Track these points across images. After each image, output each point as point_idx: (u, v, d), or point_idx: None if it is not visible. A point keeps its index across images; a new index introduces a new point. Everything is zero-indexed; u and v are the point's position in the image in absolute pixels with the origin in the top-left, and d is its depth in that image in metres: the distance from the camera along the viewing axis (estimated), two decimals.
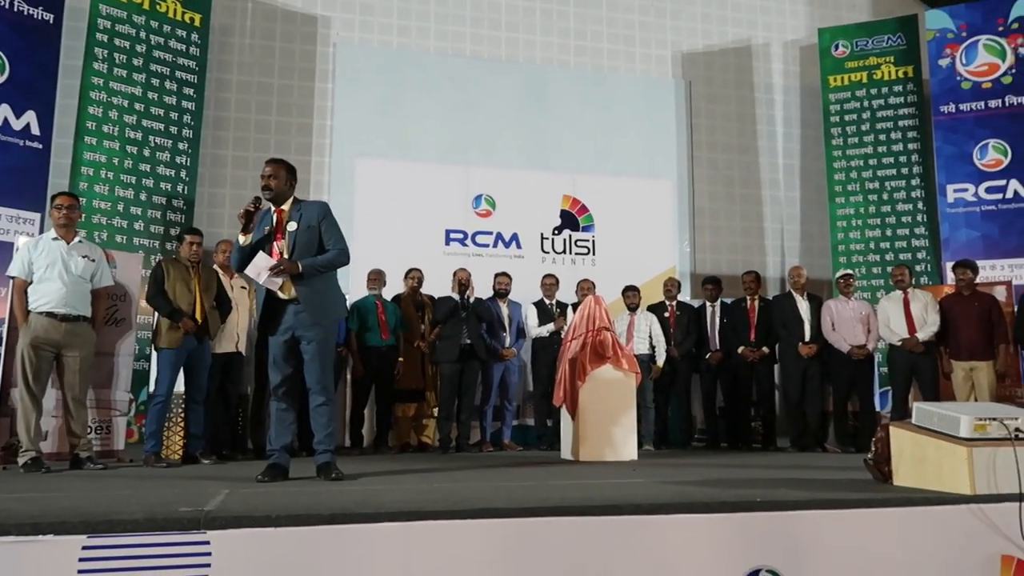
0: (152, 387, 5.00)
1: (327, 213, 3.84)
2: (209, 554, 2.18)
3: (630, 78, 9.26)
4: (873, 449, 3.39)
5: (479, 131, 8.55)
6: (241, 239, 3.74)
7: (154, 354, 4.98)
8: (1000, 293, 6.80)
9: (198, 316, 4.88)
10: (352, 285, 7.18)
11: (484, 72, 8.73)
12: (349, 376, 6.30)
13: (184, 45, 7.65)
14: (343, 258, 3.81)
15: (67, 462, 4.48)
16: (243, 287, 5.50)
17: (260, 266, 3.65)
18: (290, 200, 3.83)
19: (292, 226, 3.74)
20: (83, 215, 4.86)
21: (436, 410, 6.44)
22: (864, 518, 2.71)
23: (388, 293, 6.57)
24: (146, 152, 7.31)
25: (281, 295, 3.71)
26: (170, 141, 7.47)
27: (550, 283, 6.91)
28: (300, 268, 3.65)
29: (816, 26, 9.62)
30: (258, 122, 8.27)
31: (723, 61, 9.66)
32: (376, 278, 6.44)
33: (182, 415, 4.99)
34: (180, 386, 4.97)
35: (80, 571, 2.09)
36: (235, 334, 5.30)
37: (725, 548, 2.56)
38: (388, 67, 8.48)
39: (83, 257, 4.53)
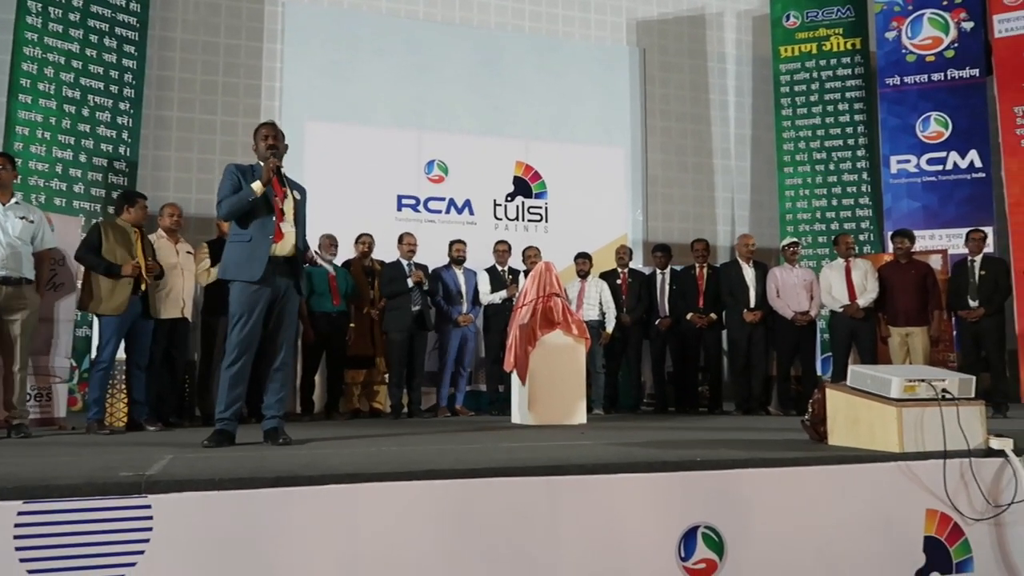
0: (94, 353, 4.88)
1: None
2: (151, 518, 2.17)
3: (585, 44, 9.23)
4: (810, 410, 3.51)
5: (432, 95, 8.44)
6: (258, 188, 3.71)
7: (95, 319, 4.85)
8: (936, 261, 7.04)
9: (142, 283, 4.75)
10: None
11: (437, 35, 8.59)
12: (300, 342, 6.25)
13: (124, 0, 7.35)
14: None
15: (6, 430, 4.37)
16: (189, 252, 5.39)
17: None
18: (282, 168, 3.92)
19: (297, 195, 3.91)
20: (18, 175, 4.68)
21: (387, 376, 6.44)
22: (798, 476, 2.82)
23: (339, 259, 6.50)
24: (85, 112, 7.05)
25: (279, 249, 3.75)
26: (110, 101, 7.21)
27: (503, 250, 6.92)
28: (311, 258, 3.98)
29: None
30: (204, 83, 8.03)
31: (677, 29, 9.68)
32: (329, 244, 6.37)
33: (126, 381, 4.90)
34: (122, 352, 4.86)
35: (16, 536, 2.06)
36: (180, 299, 5.19)
37: (666, 505, 2.64)
38: (339, 28, 8.29)
39: (20, 218, 4.39)
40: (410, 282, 6.20)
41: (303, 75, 8.10)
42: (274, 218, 3.73)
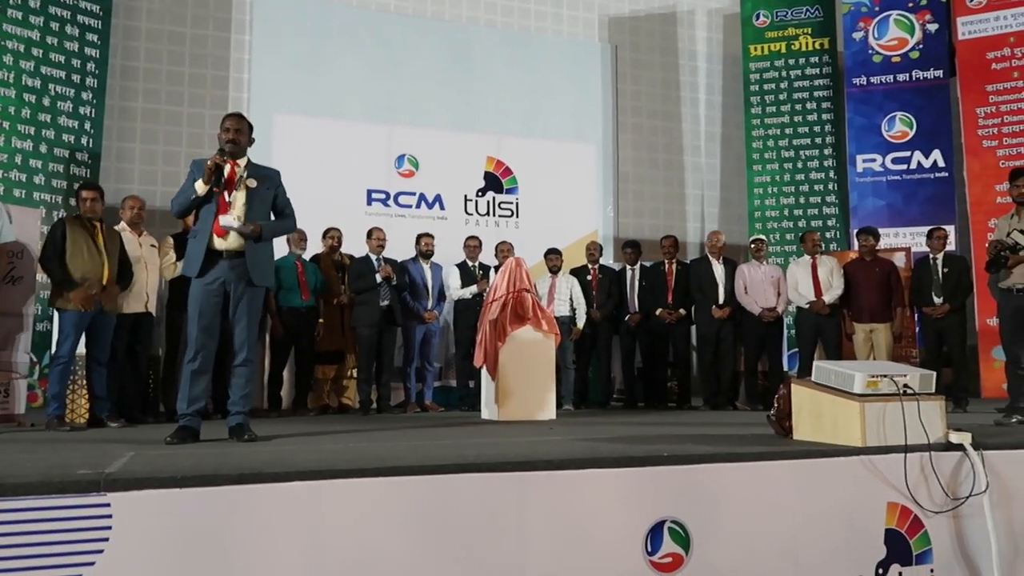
0: (54, 348, 4.78)
1: (281, 181, 3.94)
2: (110, 516, 2.13)
3: (557, 40, 9.23)
4: (775, 405, 3.55)
5: (403, 90, 8.38)
6: (200, 187, 3.65)
7: (55, 313, 4.75)
8: (899, 259, 7.16)
9: (105, 278, 4.64)
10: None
11: (409, 29, 8.53)
12: (268, 337, 6.18)
13: None
14: (293, 226, 4.05)
15: None
16: (153, 245, 5.29)
17: (229, 221, 3.66)
18: (246, 158, 3.83)
19: (252, 183, 3.77)
20: None
21: (356, 372, 6.39)
22: (763, 470, 2.84)
23: (307, 253, 6.44)
24: (46, 101, 6.88)
25: (222, 242, 3.65)
26: (72, 90, 7.05)
27: (474, 245, 6.90)
28: (260, 231, 3.71)
29: None
30: (170, 73, 7.89)
31: (649, 27, 9.72)
32: (300, 239, 6.29)
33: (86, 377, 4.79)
34: (83, 347, 4.75)
35: None
36: (144, 293, 5.09)
37: (632, 500, 2.65)
38: (309, 20, 8.19)
39: None
40: (378, 277, 6.16)
41: (272, 67, 8.00)
42: (215, 211, 3.66)
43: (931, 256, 6.37)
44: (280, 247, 6.45)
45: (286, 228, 3.99)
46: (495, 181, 8.62)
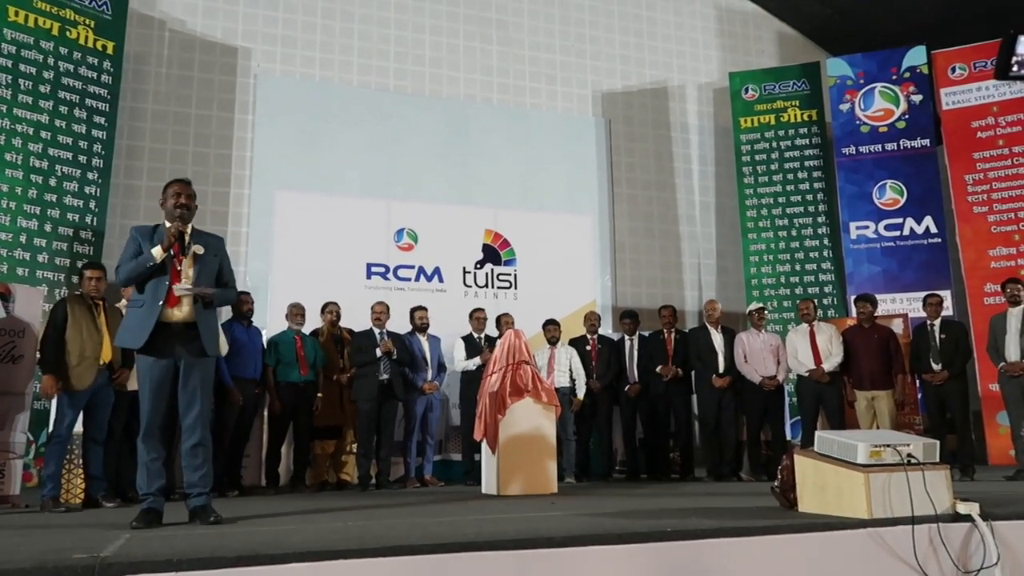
0: (51, 427, 4.74)
1: (225, 248, 3.93)
2: None
3: (551, 115, 9.47)
4: (779, 477, 3.51)
5: (401, 165, 8.55)
6: (159, 254, 3.58)
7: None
8: (897, 326, 7.18)
9: (104, 356, 4.64)
10: (270, 319, 7.04)
11: (407, 107, 8.77)
12: (266, 413, 6.14)
13: (96, 73, 7.41)
14: (235, 297, 4.12)
15: None
16: None
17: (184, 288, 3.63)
18: (190, 225, 3.79)
19: (200, 250, 3.71)
20: None
21: (355, 447, 6.32)
22: (769, 545, 2.80)
23: (307, 327, 6.46)
24: (52, 182, 7.01)
25: (177, 313, 3.57)
26: (79, 171, 7.19)
27: (480, 317, 6.93)
28: (214, 295, 3.66)
29: (727, 70, 10.07)
30: (174, 152, 8.06)
31: (641, 101, 10.00)
32: (298, 313, 6.32)
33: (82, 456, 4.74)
34: (79, 425, 4.72)
35: None
36: None
37: None
38: (310, 100, 8.42)
39: None
40: (378, 352, 6.15)
41: (274, 144, 8.17)
42: (167, 281, 3.57)
43: (928, 322, 6.39)
44: (279, 322, 6.51)
45: (229, 298, 3.96)
46: (493, 253, 8.71)
